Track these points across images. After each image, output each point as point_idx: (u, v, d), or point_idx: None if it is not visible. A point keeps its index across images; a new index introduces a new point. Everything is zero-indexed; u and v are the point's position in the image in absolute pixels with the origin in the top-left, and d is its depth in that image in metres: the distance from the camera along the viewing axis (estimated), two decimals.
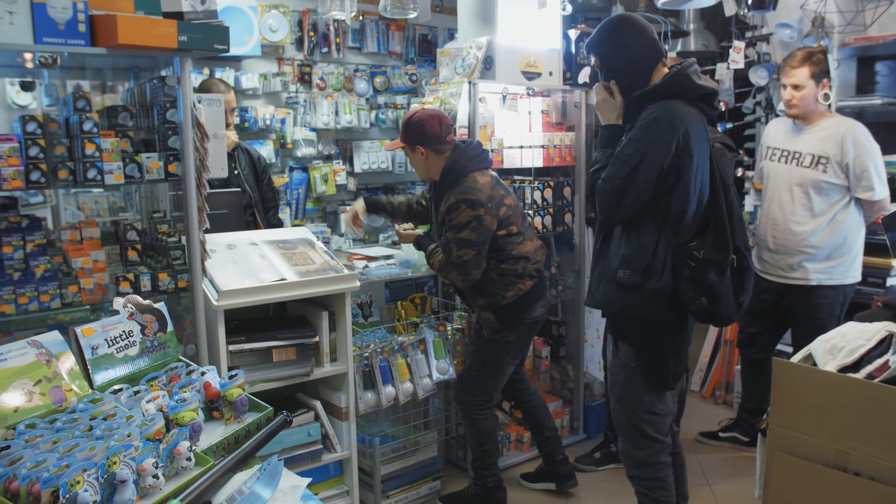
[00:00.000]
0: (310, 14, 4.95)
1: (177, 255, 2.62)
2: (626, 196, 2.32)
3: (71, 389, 1.57)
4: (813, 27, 3.83)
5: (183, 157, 2.47)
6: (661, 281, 2.32)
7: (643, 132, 2.31)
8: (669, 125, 2.30)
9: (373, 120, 5.28)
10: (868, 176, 3.14)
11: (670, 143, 2.29)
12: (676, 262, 2.32)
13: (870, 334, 2.28)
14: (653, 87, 2.38)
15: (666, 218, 2.33)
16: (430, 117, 3.00)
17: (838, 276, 3.24)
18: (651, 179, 2.29)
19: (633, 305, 2.37)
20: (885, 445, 2.10)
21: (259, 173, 3.86)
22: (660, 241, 2.32)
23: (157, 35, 2.23)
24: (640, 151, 2.30)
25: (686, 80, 2.38)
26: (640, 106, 2.39)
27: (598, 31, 2.51)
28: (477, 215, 2.88)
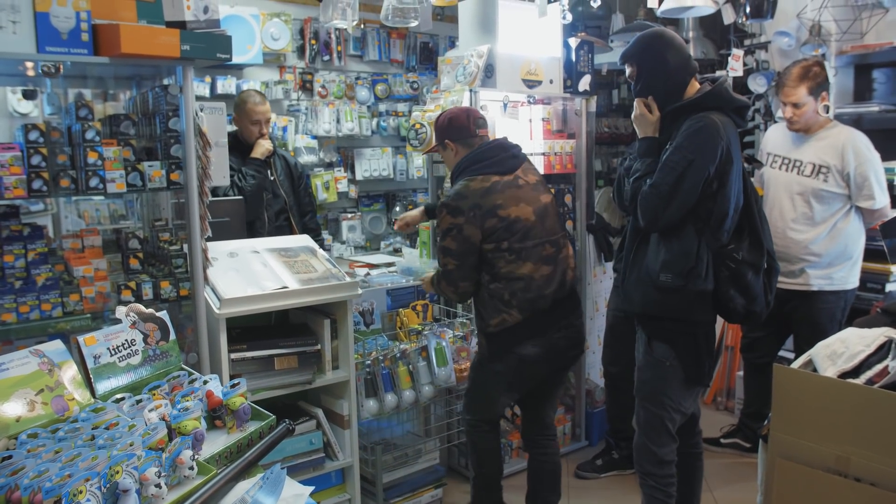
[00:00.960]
0: (311, 22, 4.98)
1: (179, 263, 2.62)
2: (673, 201, 2.44)
3: (73, 399, 1.57)
4: (810, 35, 3.84)
5: (185, 166, 2.47)
6: (706, 283, 2.46)
7: (689, 140, 2.45)
8: (715, 134, 2.45)
9: (374, 127, 5.30)
10: (869, 185, 3.16)
11: (715, 151, 2.44)
12: (716, 264, 2.47)
13: (869, 340, 2.29)
14: (694, 100, 2.53)
15: (707, 222, 2.47)
16: (458, 110, 2.91)
17: (839, 282, 3.26)
18: (697, 185, 2.43)
19: (675, 307, 2.50)
20: (885, 451, 2.11)
21: (295, 179, 4.07)
22: (701, 245, 2.46)
23: (160, 44, 2.24)
24: (688, 158, 2.43)
25: (725, 94, 2.55)
26: (678, 117, 2.55)
27: (637, 43, 2.63)
28: (456, 223, 2.67)
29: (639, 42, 2.64)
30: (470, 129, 2.83)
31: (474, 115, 2.88)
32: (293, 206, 4.01)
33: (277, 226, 3.88)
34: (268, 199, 3.87)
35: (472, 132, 2.83)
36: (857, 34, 3.77)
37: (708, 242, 2.46)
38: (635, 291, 2.60)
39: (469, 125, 2.83)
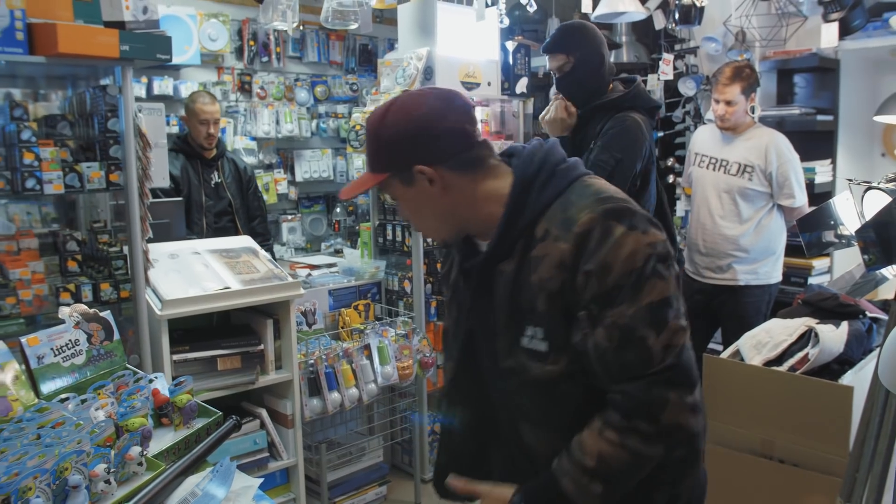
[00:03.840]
0: (250, 23, 4.95)
1: (119, 265, 2.60)
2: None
3: (17, 399, 1.56)
4: (736, 41, 4.03)
5: (125, 167, 2.46)
6: None
7: (616, 140, 2.49)
8: (640, 133, 2.51)
9: (314, 129, 5.30)
10: (789, 184, 3.32)
11: (641, 150, 2.51)
12: None
13: (791, 330, 2.43)
14: (617, 99, 2.57)
15: None
16: (430, 101, 1.37)
17: (764, 276, 3.41)
18: (625, 184, 2.47)
19: None
20: (806, 433, 2.24)
21: (244, 182, 4.11)
22: None
23: (98, 44, 2.23)
24: (616, 157, 2.48)
25: (645, 95, 2.63)
26: (595, 116, 2.57)
27: (572, 33, 2.58)
28: (662, 251, 1.39)
29: (574, 32, 2.60)
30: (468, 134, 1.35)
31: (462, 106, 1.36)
32: (240, 209, 4.04)
33: (218, 227, 3.89)
34: (207, 202, 3.87)
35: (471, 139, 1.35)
36: (779, 41, 3.96)
37: None
38: None
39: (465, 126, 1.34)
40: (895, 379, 1.37)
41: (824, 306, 2.58)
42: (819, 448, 2.21)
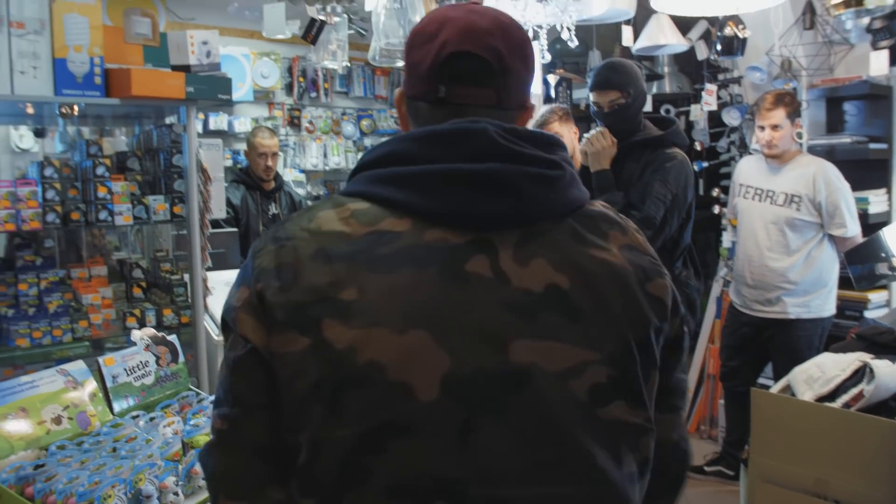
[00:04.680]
0: (299, 61, 5.15)
1: (180, 292, 2.73)
2: (661, 233, 2.60)
3: (94, 415, 1.67)
4: (781, 70, 4.02)
5: (188, 200, 2.60)
6: None
7: (673, 174, 2.62)
8: (691, 171, 2.68)
9: None
10: (840, 213, 3.23)
11: (691, 187, 2.67)
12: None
13: (844, 365, 2.33)
14: (659, 136, 2.71)
15: (672, 253, 2.66)
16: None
17: (816, 309, 3.32)
18: (679, 216, 2.64)
19: None
20: (862, 473, 2.13)
21: None
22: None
23: (167, 87, 2.38)
24: (672, 191, 2.60)
25: (682, 132, 2.80)
26: (637, 150, 2.69)
27: (625, 71, 2.72)
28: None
29: (626, 69, 2.72)
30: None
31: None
32: None
33: None
34: (264, 231, 4.03)
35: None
36: (825, 69, 3.92)
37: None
38: None
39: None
40: None
41: (880, 341, 2.48)
42: (875, 489, 2.09)
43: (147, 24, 2.58)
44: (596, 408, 0.83)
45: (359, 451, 0.78)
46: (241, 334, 0.84)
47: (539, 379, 0.80)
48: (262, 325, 0.83)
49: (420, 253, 0.82)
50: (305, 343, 0.80)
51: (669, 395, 0.94)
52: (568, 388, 0.81)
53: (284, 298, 0.81)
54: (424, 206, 0.83)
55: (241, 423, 0.84)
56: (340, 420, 0.79)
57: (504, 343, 0.80)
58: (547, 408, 0.81)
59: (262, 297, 0.83)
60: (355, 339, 0.79)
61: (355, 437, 0.78)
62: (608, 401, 0.84)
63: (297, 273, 0.82)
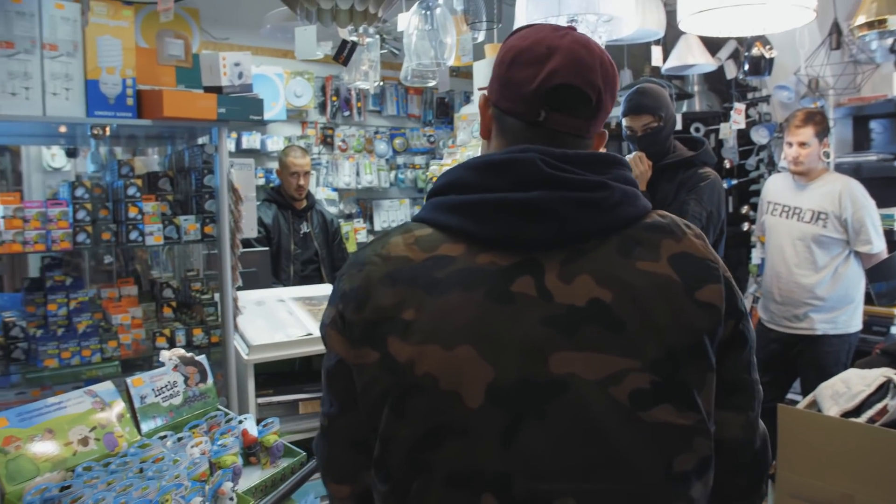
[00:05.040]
0: (332, 80, 5.22)
1: (210, 311, 2.77)
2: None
3: (122, 435, 1.71)
4: (809, 89, 4.01)
5: (218, 220, 2.64)
6: None
7: (708, 193, 2.69)
8: (723, 189, 2.75)
9: (392, 180, 5.50)
10: (866, 230, 3.27)
11: (724, 205, 2.73)
12: None
13: (870, 380, 2.35)
14: (691, 157, 2.78)
15: None
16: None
17: (843, 325, 3.34)
18: (714, 233, 2.67)
19: None
20: (887, 488, 2.15)
21: (331, 233, 4.30)
22: None
23: (199, 108, 2.43)
24: (707, 210, 2.66)
25: (711, 152, 2.85)
26: (669, 171, 2.77)
27: (657, 95, 2.79)
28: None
29: (658, 94, 2.80)
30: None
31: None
32: (325, 259, 4.23)
33: (304, 275, 4.09)
34: (296, 251, 4.08)
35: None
36: (852, 88, 3.93)
37: None
38: None
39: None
40: None
41: None
42: None
43: (180, 46, 2.64)
44: (638, 411, 0.89)
45: (420, 447, 0.90)
46: (331, 348, 0.99)
47: (577, 386, 0.88)
48: (345, 340, 0.96)
49: (471, 276, 0.92)
50: (376, 357, 0.92)
51: (729, 393, 0.98)
52: (608, 393, 0.88)
53: (359, 317, 0.94)
54: (477, 233, 0.94)
55: (337, 419, 1.00)
56: (404, 421, 0.91)
57: (544, 355, 0.89)
58: (585, 412, 0.88)
59: (343, 316, 0.96)
60: (413, 354, 0.90)
61: (417, 436, 0.90)
62: (652, 405, 0.89)
63: (369, 295, 0.94)
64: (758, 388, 1.03)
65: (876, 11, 3.05)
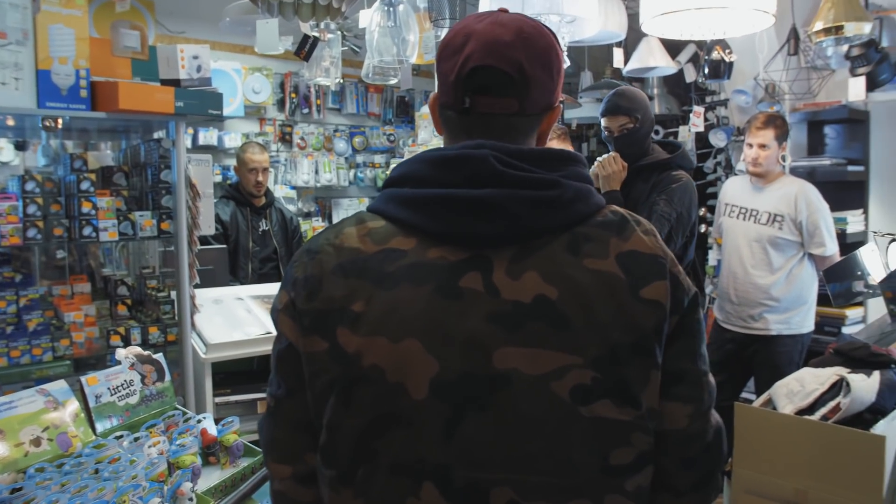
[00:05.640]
0: (292, 76, 5.15)
1: (166, 309, 2.71)
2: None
3: (76, 436, 1.65)
4: (766, 94, 4.09)
5: (176, 216, 2.58)
6: None
7: (678, 194, 2.73)
8: (695, 192, 2.79)
9: (351, 178, 5.46)
10: (820, 233, 3.35)
11: (695, 207, 2.78)
12: None
13: (823, 379, 2.41)
14: (667, 159, 2.82)
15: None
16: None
17: (796, 326, 3.41)
18: (683, 235, 2.72)
19: None
20: (839, 483, 2.20)
21: (290, 231, 4.26)
22: None
23: (156, 101, 2.37)
24: (677, 211, 2.70)
25: (688, 156, 2.90)
26: (646, 172, 2.80)
27: (635, 98, 2.84)
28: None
29: (634, 95, 2.85)
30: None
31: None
32: (284, 257, 4.18)
33: (263, 273, 4.03)
34: (254, 248, 4.01)
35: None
36: (808, 93, 4.03)
37: None
38: None
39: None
40: None
41: (855, 356, 2.56)
42: (852, 498, 2.17)
43: (136, 37, 2.57)
44: (578, 406, 0.90)
45: (366, 435, 0.93)
46: (282, 332, 1.00)
47: (519, 381, 0.90)
48: (296, 327, 0.97)
49: (420, 270, 0.93)
50: (325, 346, 0.94)
51: (674, 383, 0.97)
52: (549, 389, 0.90)
53: (310, 306, 0.96)
54: (429, 227, 0.94)
55: (284, 401, 1.01)
56: (351, 410, 0.93)
57: (489, 350, 0.90)
58: (526, 407, 0.90)
59: (294, 303, 0.97)
60: (361, 346, 0.92)
61: (363, 424, 0.92)
62: (592, 400, 0.91)
63: (321, 285, 0.95)
64: (707, 380, 1.02)
65: (833, 18, 3.13)
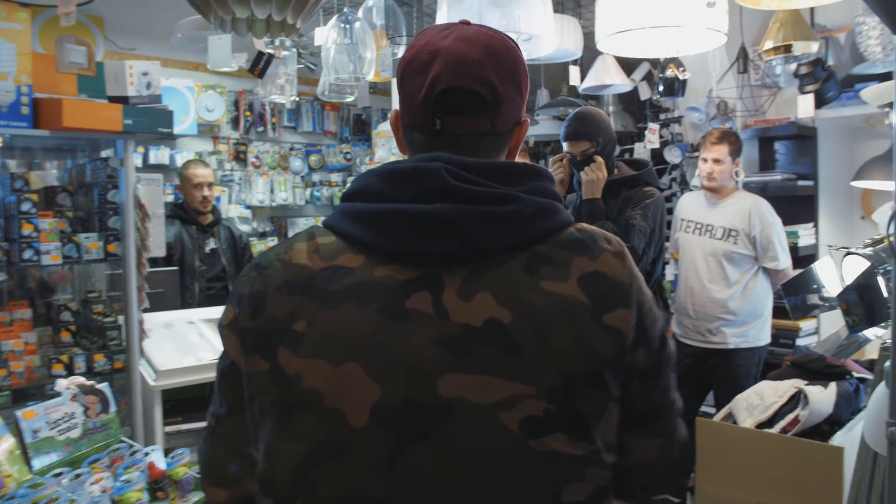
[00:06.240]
0: (246, 94, 5.07)
1: (113, 335, 2.61)
2: (639, 263, 2.68)
3: (10, 475, 1.55)
4: (718, 111, 4.16)
5: (124, 237, 2.49)
6: None
7: (653, 210, 2.78)
8: (665, 208, 2.84)
9: (308, 197, 5.38)
10: (773, 247, 3.39)
11: (665, 222, 2.84)
12: None
13: (781, 391, 2.43)
14: (635, 175, 2.86)
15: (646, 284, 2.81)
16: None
17: (752, 339, 3.44)
18: (657, 248, 2.78)
19: None
20: (800, 495, 2.21)
21: (239, 250, 4.13)
22: None
23: (102, 118, 2.30)
24: (651, 226, 2.74)
25: (654, 174, 2.96)
26: (615, 189, 2.83)
27: (594, 120, 2.87)
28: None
29: (594, 119, 2.87)
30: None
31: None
32: (233, 276, 4.05)
33: (210, 294, 3.90)
34: (201, 268, 3.90)
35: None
36: (759, 110, 4.10)
37: None
38: None
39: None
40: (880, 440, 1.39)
41: (812, 367, 2.59)
42: None
43: (82, 53, 2.48)
44: (529, 439, 0.83)
45: (305, 465, 0.85)
46: (226, 348, 0.95)
47: (465, 411, 0.83)
48: (239, 345, 0.92)
49: (366, 289, 0.87)
50: (266, 367, 0.88)
51: (649, 421, 0.94)
52: (497, 419, 0.83)
53: (253, 324, 0.90)
54: (376, 244, 0.88)
55: (225, 421, 0.95)
56: (289, 436, 0.86)
57: (433, 377, 0.84)
58: (472, 438, 0.83)
59: (237, 320, 0.92)
60: (301, 368, 0.86)
61: (301, 451, 0.85)
62: (544, 433, 0.84)
63: (265, 302, 0.90)
64: (677, 406, 0.99)
65: (782, 38, 3.19)
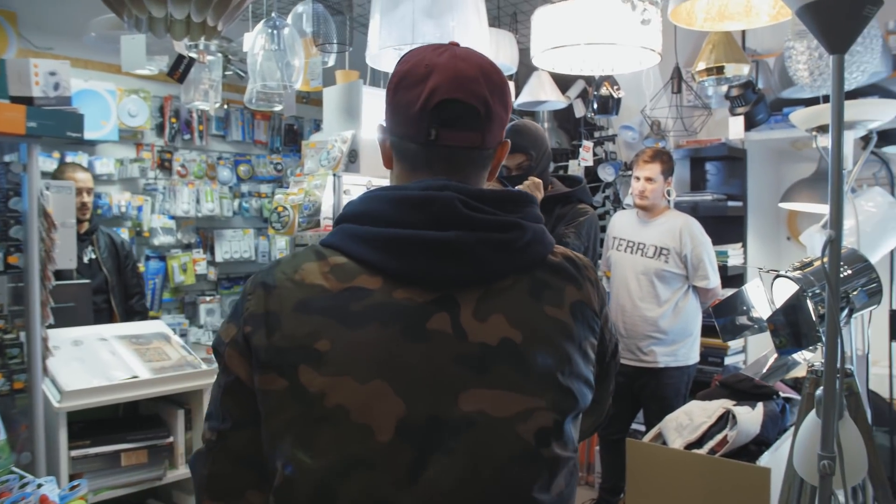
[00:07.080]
0: (172, 100, 4.89)
1: (14, 353, 2.42)
2: None
3: None
4: (651, 130, 4.20)
5: (26, 249, 2.32)
6: None
7: (586, 228, 2.75)
8: (598, 226, 2.81)
9: (236, 208, 5.22)
10: (703, 266, 3.44)
11: (598, 240, 2.80)
12: None
13: (710, 412, 2.46)
14: (569, 192, 2.81)
15: None
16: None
17: (682, 357, 3.48)
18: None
19: None
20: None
21: (122, 259, 3.91)
22: None
23: (2, 120, 2.13)
24: (584, 245, 2.70)
25: (588, 191, 2.93)
26: (549, 205, 2.78)
27: (529, 133, 2.79)
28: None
29: (528, 131, 2.81)
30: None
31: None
32: (115, 287, 3.85)
33: (95, 310, 3.60)
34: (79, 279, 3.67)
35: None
36: (691, 131, 4.17)
37: None
38: None
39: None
40: (811, 471, 1.38)
41: (740, 388, 2.63)
42: None
43: None
44: (541, 448, 0.93)
45: (327, 477, 0.89)
46: (230, 367, 0.97)
47: (486, 424, 0.91)
48: (246, 361, 0.95)
49: (387, 311, 0.92)
50: (284, 384, 0.91)
51: (592, 409, 1.10)
52: (515, 431, 0.92)
53: (268, 343, 0.93)
54: (394, 268, 0.94)
55: (229, 435, 0.97)
56: (311, 451, 0.90)
57: (455, 392, 0.91)
58: (493, 449, 0.91)
59: (248, 338, 0.95)
60: (325, 385, 0.90)
61: (325, 465, 0.89)
62: (552, 441, 0.94)
63: (281, 321, 0.93)
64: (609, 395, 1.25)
65: (715, 59, 3.24)
